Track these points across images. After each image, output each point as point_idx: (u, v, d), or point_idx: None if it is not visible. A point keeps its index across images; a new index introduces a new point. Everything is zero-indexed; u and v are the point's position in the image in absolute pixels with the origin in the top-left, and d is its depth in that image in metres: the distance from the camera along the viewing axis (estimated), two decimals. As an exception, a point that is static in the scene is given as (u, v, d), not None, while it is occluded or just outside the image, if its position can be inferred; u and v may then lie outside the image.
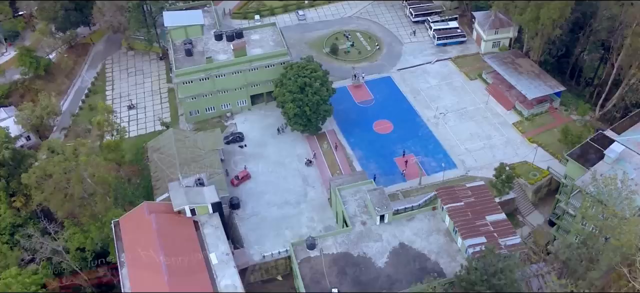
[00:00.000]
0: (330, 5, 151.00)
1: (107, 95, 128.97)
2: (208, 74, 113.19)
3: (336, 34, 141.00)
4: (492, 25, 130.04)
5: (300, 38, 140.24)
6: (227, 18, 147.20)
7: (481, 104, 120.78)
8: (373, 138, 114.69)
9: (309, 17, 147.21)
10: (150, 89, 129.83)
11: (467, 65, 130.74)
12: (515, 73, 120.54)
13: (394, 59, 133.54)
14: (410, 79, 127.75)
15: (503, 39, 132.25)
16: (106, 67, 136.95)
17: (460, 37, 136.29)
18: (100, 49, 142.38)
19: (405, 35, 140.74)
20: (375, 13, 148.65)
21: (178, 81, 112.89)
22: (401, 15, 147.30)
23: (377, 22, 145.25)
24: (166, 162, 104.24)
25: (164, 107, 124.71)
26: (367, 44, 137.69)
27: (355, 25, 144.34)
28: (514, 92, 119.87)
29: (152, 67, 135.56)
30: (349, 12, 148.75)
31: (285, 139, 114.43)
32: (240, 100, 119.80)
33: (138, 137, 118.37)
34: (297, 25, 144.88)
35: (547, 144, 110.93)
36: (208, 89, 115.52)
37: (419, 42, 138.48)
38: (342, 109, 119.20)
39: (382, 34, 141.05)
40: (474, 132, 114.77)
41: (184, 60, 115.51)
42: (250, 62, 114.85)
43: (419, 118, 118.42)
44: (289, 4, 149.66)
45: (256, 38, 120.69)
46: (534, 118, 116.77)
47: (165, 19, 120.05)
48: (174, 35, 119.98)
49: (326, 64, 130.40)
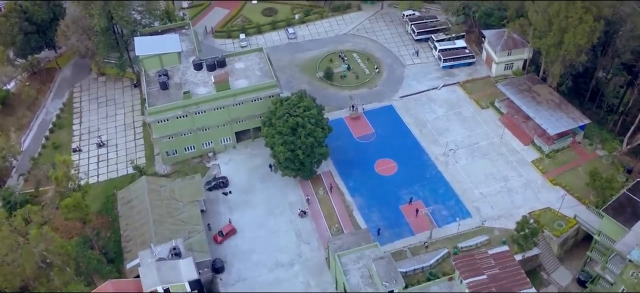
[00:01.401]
0: (323, 21, 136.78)
1: (74, 130, 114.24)
2: (186, 111, 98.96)
3: (330, 54, 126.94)
4: (505, 46, 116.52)
5: (291, 60, 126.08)
6: (209, 37, 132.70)
7: (495, 138, 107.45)
8: (375, 181, 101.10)
9: (300, 35, 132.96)
10: (123, 121, 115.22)
11: (478, 90, 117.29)
12: (533, 103, 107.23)
13: (396, 84, 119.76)
14: (414, 108, 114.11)
15: (516, 60, 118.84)
16: (74, 96, 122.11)
17: (468, 58, 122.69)
18: (68, 74, 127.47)
19: (407, 56, 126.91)
20: (373, 30, 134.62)
21: (152, 120, 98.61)
22: (402, 33, 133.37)
23: (376, 41, 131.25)
24: (138, 219, 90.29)
25: (138, 144, 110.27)
26: (365, 66, 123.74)
27: (352, 44, 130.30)
28: (532, 124, 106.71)
29: (125, 96, 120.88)
30: (344, 29, 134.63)
31: (275, 183, 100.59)
32: (224, 138, 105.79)
33: (108, 182, 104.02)
34: (287, 44, 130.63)
35: (572, 186, 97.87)
36: (187, 127, 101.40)
37: (423, 64, 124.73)
38: (339, 146, 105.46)
39: (381, 55, 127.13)
40: (488, 173, 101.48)
41: (158, 94, 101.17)
42: (235, 96, 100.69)
43: (426, 156, 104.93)
44: (278, 21, 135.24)
45: (241, 67, 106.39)
46: (556, 154, 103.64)
47: (137, 46, 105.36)
48: (147, 65, 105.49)
49: (320, 91, 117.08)
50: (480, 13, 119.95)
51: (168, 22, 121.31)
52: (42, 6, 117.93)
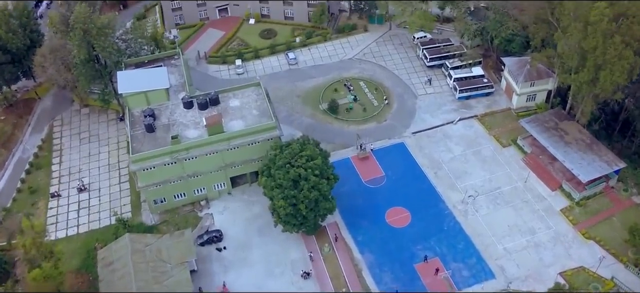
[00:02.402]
0: (326, 44, 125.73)
1: (53, 171, 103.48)
2: (174, 158, 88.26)
3: (335, 83, 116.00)
4: (528, 77, 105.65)
5: (291, 89, 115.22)
6: (202, 63, 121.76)
7: (519, 182, 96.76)
8: (386, 234, 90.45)
9: (302, 60, 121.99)
10: (107, 161, 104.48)
11: (497, 125, 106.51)
12: (561, 143, 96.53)
13: (407, 118, 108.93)
14: (428, 146, 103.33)
15: (540, 91, 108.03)
16: (54, 131, 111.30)
17: (486, 88, 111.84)
18: (48, 105, 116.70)
19: (419, 85, 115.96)
20: (381, 54, 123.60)
21: (136, 168, 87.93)
22: (412, 57, 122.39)
23: (384, 67, 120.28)
24: (120, 285, 79.70)
25: (123, 189, 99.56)
26: (373, 97, 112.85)
27: (358, 70, 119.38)
28: (559, 166, 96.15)
29: (109, 131, 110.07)
30: (350, 53, 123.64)
31: (275, 237, 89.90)
32: (218, 184, 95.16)
33: (89, 233, 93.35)
34: (287, 71, 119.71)
35: (607, 240, 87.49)
36: (176, 174, 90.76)
37: (437, 94, 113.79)
38: (345, 192, 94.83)
39: (391, 83, 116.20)
40: (513, 224, 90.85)
41: (143, 138, 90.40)
42: (229, 140, 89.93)
43: (443, 203, 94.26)
44: (277, 44, 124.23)
45: (236, 104, 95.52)
46: (587, 202, 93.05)
47: (120, 82, 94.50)
48: (131, 103, 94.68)
49: (324, 125, 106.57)
50: (500, 39, 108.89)
51: (156, 48, 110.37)
52: (17, 34, 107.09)
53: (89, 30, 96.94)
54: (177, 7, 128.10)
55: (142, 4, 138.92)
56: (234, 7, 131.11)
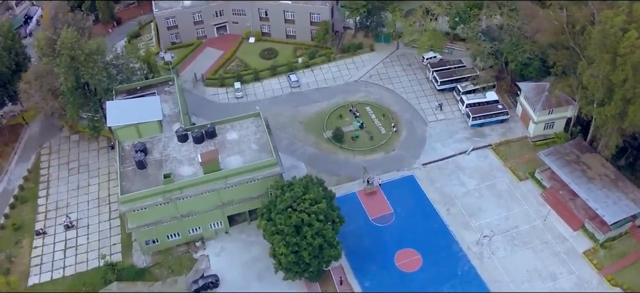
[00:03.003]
0: (330, 65, 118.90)
1: (39, 205, 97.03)
2: (167, 198, 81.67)
3: (340, 108, 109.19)
4: (546, 104, 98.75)
5: (293, 115, 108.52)
6: (199, 85, 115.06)
7: (538, 220, 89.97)
8: (396, 279, 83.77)
9: (304, 82, 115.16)
10: (97, 195, 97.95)
11: (513, 156, 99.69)
12: (584, 178, 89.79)
13: (417, 147, 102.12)
14: (439, 179, 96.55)
15: (559, 118, 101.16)
16: (42, 160, 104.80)
17: (501, 115, 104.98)
18: (36, 131, 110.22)
19: (429, 110, 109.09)
20: (388, 75, 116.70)
21: (126, 209, 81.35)
22: (422, 80, 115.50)
23: (392, 90, 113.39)
24: (106, 342, 73.23)
25: (113, 226, 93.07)
26: (380, 123, 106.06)
27: (364, 94, 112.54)
28: (581, 202, 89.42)
29: (100, 161, 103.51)
30: (355, 75, 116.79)
31: (275, 282, 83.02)
32: (214, 222, 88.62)
33: (76, 277, 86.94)
34: (289, 95, 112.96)
35: (636, 288, 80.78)
36: (169, 214, 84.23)
37: (448, 121, 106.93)
38: (351, 231, 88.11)
39: (399, 108, 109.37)
40: (532, 268, 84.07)
41: (134, 175, 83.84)
42: (226, 178, 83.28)
43: (456, 245, 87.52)
44: (278, 65, 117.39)
45: (234, 138, 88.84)
46: (612, 243, 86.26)
47: (109, 114, 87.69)
48: (121, 136, 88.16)
49: (328, 156, 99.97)
50: (517, 63, 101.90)
51: (149, 72, 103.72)
52: (1, 57, 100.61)
53: (77, 57, 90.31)
54: (173, 25, 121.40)
55: (137, 21, 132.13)
56: (233, 25, 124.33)
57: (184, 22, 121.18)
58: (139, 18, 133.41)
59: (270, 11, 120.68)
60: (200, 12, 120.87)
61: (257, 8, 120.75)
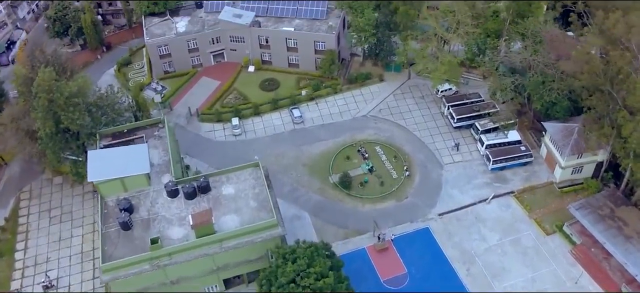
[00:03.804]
0: (336, 97, 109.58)
1: (16, 261, 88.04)
2: (155, 265, 72.58)
3: (347, 148, 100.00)
4: (575, 149, 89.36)
5: (297, 155, 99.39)
6: (194, 121, 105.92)
7: (568, 282, 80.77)
8: (411, 356, 74.93)
9: (308, 117, 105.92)
10: (80, 249, 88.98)
11: (538, 204, 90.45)
12: (620, 236, 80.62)
13: (432, 194, 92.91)
14: (458, 233, 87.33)
15: (588, 163, 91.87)
16: (21, 206, 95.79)
17: (524, 158, 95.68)
18: (16, 172, 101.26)
19: (444, 150, 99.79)
20: (399, 109, 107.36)
21: (108, 279, 72.28)
22: (436, 115, 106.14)
23: (404, 127, 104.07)
24: None
25: (98, 287, 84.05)
26: (391, 166, 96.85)
27: (373, 131, 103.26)
28: (616, 263, 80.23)
29: (85, 208, 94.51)
30: (364, 109, 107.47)
31: None
32: (209, 286, 79.66)
33: (54, 347, 78.26)
34: (292, 131, 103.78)
35: None
36: (157, 281, 75.20)
37: (466, 163, 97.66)
38: (361, 295, 79.21)
39: (411, 148, 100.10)
40: (564, 341, 75.18)
41: (118, 237, 74.67)
42: (221, 241, 74.17)
43: (479, 313, 78.60)
44: (280, 98, 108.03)
45: (230, 193, 79.56)
46: (653, 312, 77.17)
47: (90, 168, 78.26)
48: (104, 191, 78.97)
49: (335, 204, 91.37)
50: (543, 103, 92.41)
51: (138, 109, 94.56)
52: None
53: (55, 100, 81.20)
54: (166, 54, 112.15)
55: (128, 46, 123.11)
56: (231, 52, 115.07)
57: (177, 50, 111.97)
58: (131, 42, 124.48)
59: (271, 39, 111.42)
60: (195, 40, 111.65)
61: (256, 35, 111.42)
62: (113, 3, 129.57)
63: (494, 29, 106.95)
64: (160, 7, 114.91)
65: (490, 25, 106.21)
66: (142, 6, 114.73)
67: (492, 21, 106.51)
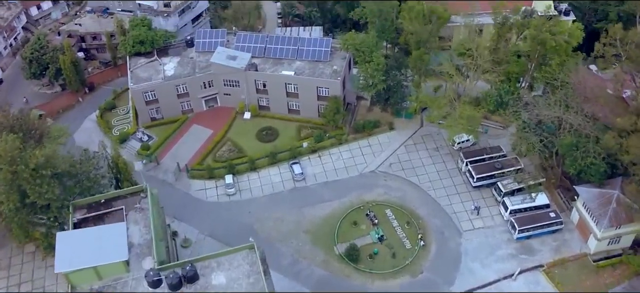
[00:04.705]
0: (341, 149, 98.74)
1: (-22, 348, 77.69)
2: None
3: (354, 211, 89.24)
4: (614, 220, 78.73)
5: (297, 220, 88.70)
6: (183, 177, 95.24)
7: None
8: None
9: (310, 174, 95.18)
10: (52, 335, 78.55)
11: (571, 281, 79.98)
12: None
13: (451, 269, 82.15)
14: (481, 317, 76.86)
15: (627, 234, 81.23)
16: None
17: (554, 225, 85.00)
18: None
19: (463, 214, 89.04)
20: (411, 163, 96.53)
21: None
22: (452, 170, 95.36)
23: (417, 185, 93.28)
24: None
25: None
26: (404, 234, 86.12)
27: (383, 190, 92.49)
28: None
29: (59, 283, 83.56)
30: (372, 162, 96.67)
31: None
32: None
33: None
34: (292, 190, 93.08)
35: None
36: None
37: (487, 229, 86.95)
38: None
39: (426, 211, 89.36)
40: None
41: (89, 340, 64.12)
42: (210, 345, 63.55)
43: None
44: (279, 151, 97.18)
45: (221, 283, 68.37)
46: None
47: (59, 254, 67.38)
48: (75, 280, 68.19)
49: (341, 281, 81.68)
50: (577, 166, 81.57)
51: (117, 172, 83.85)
52: None
53: (20, 172, 70.56)
54: (152, 99, 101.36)
55: (112, 86, 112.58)
56: (225, 97, 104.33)
57: (165, 95, 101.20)
58: (116, 82, 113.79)
59: (269, 83, 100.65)
60: (185, 84, 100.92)
61: (253, 79, 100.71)
62: (98, 36, 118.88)
63: (516, 72, 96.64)
64: (146, 46, 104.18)
65: (512, 69, 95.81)
66: (126, 46, 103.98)
67: (515, 63, 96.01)
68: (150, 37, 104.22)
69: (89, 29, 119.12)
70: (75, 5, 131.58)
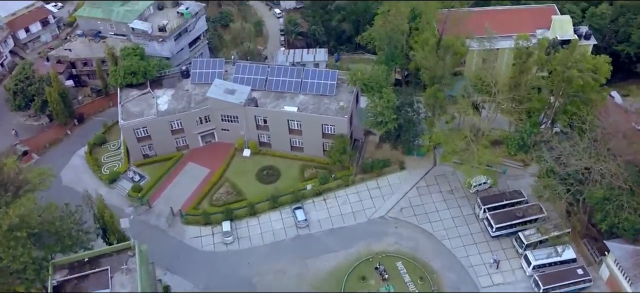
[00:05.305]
0: (347, 191, 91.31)
1: None
2: None
3: (362, 263, 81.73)
4: (650, 282, 71.38)
5: (300, 273, 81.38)
6: (177, 223, 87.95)
7: None
8: None
9: (314, 219, 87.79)
10: None
11: (602, 348, 72.54)
12: None
13: (469, 332, 75.00)
14: None
15: (663, 294, 73.79)
16: (-38, 338, 78.07)
17: (582, 282, 77.49)
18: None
19: (481, 267, 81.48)
20: (424, 209, 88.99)
21: None
22: (469, 216, 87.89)
23: (430, 233, 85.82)
24: None
25: None
26: (416, 290, 78.72)
27: (394, 239, 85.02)
28: None
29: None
30: (381, 207, 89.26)
31: None
32: None
33: None
34: (294, 239, 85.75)
35: None
36: None
37: (508, 285, 79.39)
38: None
39: (441, 264, 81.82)
40: None
41: None
42: None
43: None
44: (281, 195, 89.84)
45: None
46: None
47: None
48: None
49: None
50: (609, 222, 74.00)
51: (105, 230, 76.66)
52: None
53: None
54: (145, 136, 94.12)
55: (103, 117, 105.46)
56: (223, 132, 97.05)
57: (159, 131, 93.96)
58: (108, 112, 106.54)
59: (270, 119, 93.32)
60: (180, 120, 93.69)
61: (252, 115, 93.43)
62: (89, 62, 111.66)
63: (537, 108, 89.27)
64: (139, 77, 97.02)
65: (533, 105, 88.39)
66: (117, 78, 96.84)
67: (536, 100, 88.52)
68: (143, 68, 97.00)
69: (79, 54, 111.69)
70: (67, 27, 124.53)
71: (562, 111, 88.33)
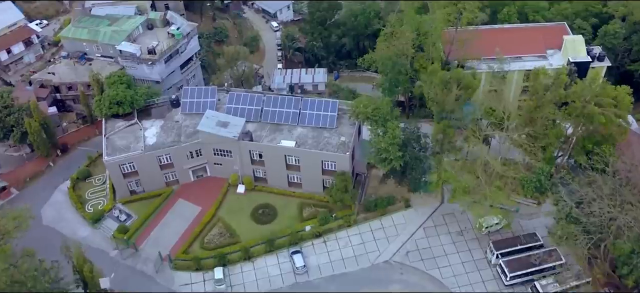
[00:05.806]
0: (349, 232, 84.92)
1: None
2: None
3: (366, 315, 75.88)
4: (683, 345, 65.19)
5: (299, 327, 75.23)
6: (165, 270, 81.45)
7: None
8: None
9: (314, 265, 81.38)
10: None
11: None
12: None
13: None
14: None
15: (695, 356, 67.69)
16: None
17: (604, 340, 71.55)
18: None
19: (494, 321, 75.62)
20: (432, 252, 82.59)
21: None
22: (480, 261, 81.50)
23: (439, 280, 79.40)
24: None
25: None
26: (425, 347, 72.67)
27: (399, 287, 78.69)
28: None
29: None
30: (386, 250, 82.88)
31: None
32: None
33: None
34: (292, 286, 79.37)
35: None
36: None
37: (524, 342, 73.55)
38: None
39: (450, 317, 75.88)
40: None
41: None
42: None
43: None
44: (277, 237, 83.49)
45: None
46: None
47: None
48: None
49: None
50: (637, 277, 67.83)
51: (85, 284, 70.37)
52: None
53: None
54: (131, 172, 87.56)
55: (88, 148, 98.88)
56: (216, 166, 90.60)
57: (146, 166, 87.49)
58: (93, 141, 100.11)
59: (266, 154, 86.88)
60: (169, 155, 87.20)
61: (247, 149, 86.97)
62: (74, 86, 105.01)
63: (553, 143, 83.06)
64: (125, 107, 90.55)
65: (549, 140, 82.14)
66: (102, 108, 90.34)
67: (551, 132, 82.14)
68: (130, 97, 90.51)
69: (63, 78, 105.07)
70: (52, 47, 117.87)
71: (580, 146, 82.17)
